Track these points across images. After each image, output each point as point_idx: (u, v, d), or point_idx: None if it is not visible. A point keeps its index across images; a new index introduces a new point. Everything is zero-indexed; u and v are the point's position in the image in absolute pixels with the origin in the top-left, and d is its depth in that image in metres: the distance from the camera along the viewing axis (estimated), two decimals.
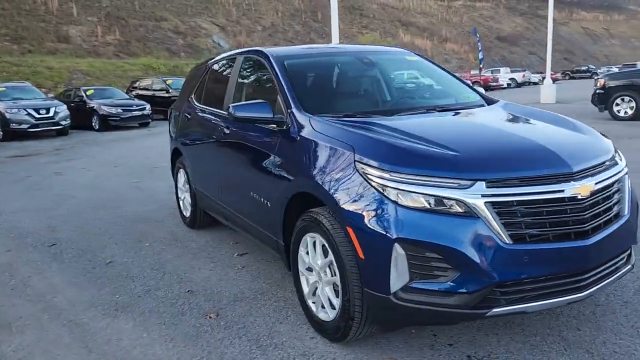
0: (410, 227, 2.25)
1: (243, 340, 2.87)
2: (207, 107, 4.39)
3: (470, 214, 2.21)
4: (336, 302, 2.66)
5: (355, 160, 2.46)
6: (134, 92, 20.41)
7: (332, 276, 2.70)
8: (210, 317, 3.17)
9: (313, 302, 2.91)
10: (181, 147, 4.86)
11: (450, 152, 2.38)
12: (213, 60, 4.75)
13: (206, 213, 4.77)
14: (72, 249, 4.61)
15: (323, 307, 2.81)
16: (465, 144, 2.48)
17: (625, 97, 12.83)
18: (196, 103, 4.72)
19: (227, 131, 3.79)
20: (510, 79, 43.67)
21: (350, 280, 2.48)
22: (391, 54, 4.05)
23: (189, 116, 4.72)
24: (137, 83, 21.47)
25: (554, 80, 31.90)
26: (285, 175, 2.98)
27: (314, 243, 2.81)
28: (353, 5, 59.36)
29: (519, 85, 44.00)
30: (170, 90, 19.44)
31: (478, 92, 3.71)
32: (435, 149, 2.41)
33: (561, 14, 78.97)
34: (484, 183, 2.24)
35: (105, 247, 4.63)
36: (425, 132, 2.66)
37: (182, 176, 5.07)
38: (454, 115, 3.20)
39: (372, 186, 2.36)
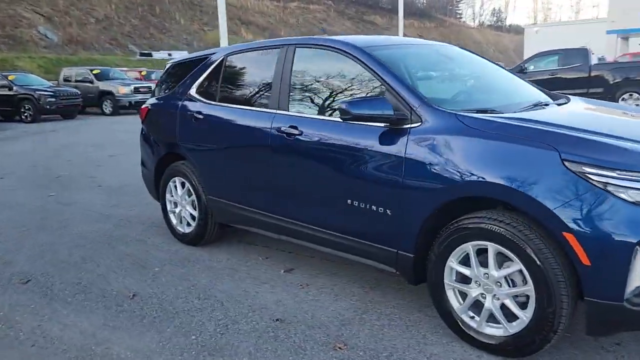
0: None
1: None
2: (238, 107, 3.77)
3: None
4: (522, 314, 2.45)
5: (563, 160, 2.28)
6: None
7: (510, 287, 2.49)
8: (340, 349, 2.72)
9: (471, 317, 2.66)
10: (187, 153, 4.12)
11: None
12: (225, 52, 4.11)
13: (221, 226, 4.15)
14: (61, 284, 3.65)
15: (491, 321, 2.58)
16: None
17: None
18: (208, 101, 4.04)
19: (294, 132, 3.30)
20: None
21: (557, 290, 2.30)
22: (446, 48, 3.87)
23: (199, 116, 4.02)
24: None
25: None
26: (428, 179, 2.66)
27: (477, 252, 2.57)
28: (192, 1, 57.39)
29: None
30: (13, 87, 16.76)
31: (537, 87, 3.75)
32: None
33: (384, 20, 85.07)
34: None
35: (105, 277, 3.76)
36: (600, 127, 2.59)
37: (179, 186, 4.32)
38: (579, 109, 3.21)
39: (598, 188, 2.21)
